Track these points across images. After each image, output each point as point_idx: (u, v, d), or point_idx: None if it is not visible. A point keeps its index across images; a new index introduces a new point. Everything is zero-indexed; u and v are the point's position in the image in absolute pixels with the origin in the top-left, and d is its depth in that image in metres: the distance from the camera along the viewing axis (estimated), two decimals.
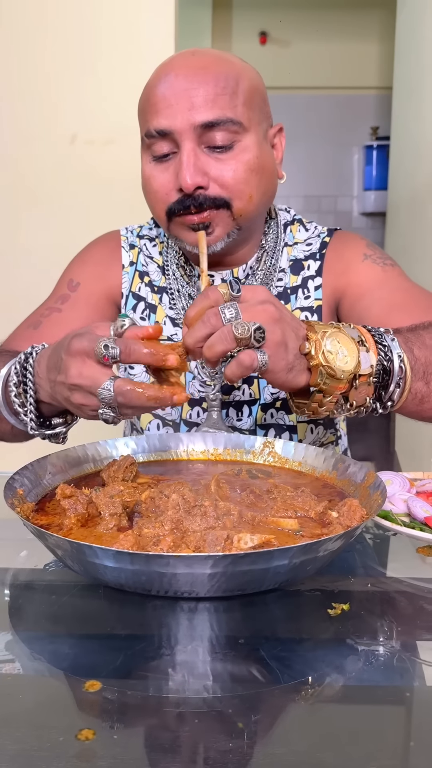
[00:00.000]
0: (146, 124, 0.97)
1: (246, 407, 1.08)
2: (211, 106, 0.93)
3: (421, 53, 2.63)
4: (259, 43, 4.19)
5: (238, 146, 0.95)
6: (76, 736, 0.47)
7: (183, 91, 0.93)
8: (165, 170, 0.97)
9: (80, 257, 1.18)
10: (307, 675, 0.55)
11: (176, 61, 0.97)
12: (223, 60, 0.97)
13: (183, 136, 0.93)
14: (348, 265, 1.09)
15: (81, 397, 0.76)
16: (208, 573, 0.58)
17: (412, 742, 0.49)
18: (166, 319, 1.10)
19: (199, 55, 0.97)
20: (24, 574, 0.75)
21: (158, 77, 0.97)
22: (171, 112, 0.93)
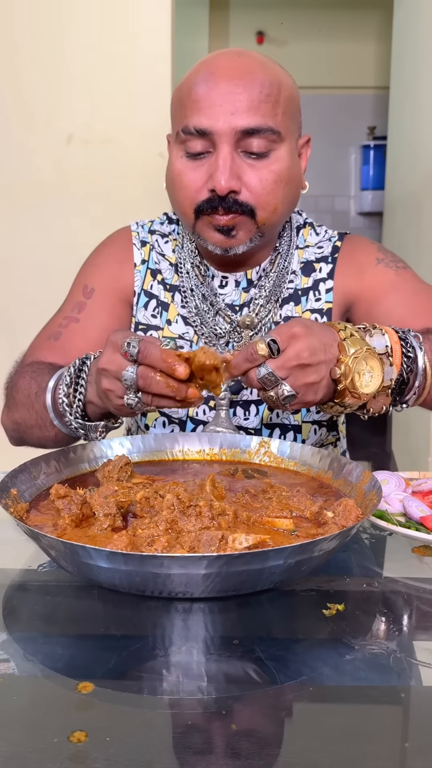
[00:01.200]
0: (184, 119, 0.96)
1: (253, 406, 1.08)
2: (254, 113, 0.93)
3: (418, 53, 2.63)
4: (256, 43, 4.19)
5: (273, 155, 0.96)
6: (69, 738, 0.46)
7: (228, 94, 0.93)
8: (197, 168, 0.97)
9: (93, 260, 1.17)
10: (302, 675, 0.55)
11: (222, 61, 0.97)
12: (268, 66, 0.97)
13: (222, 139, 0.94)
14: (361, 270, 1.10)
15: (108, 382, 0.82)
16: (203, 573, 0.58)
17: (408, 742, 0.49)
18: (178, 318, 1.10)
19: (245, 58, 0.97)
20: (18, 575, 0.74)
21: (201, 74, 0.96)
22: (213, 112, 0.93)
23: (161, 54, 2.24)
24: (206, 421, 1.08)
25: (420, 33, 2.61)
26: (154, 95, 2.25)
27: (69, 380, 0.91)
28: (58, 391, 0.92)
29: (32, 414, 0.98)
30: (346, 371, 0.82)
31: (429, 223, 2.44)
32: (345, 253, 1.12)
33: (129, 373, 0.78)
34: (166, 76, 2.25)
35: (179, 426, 1.09)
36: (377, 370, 0.83)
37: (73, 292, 1.15)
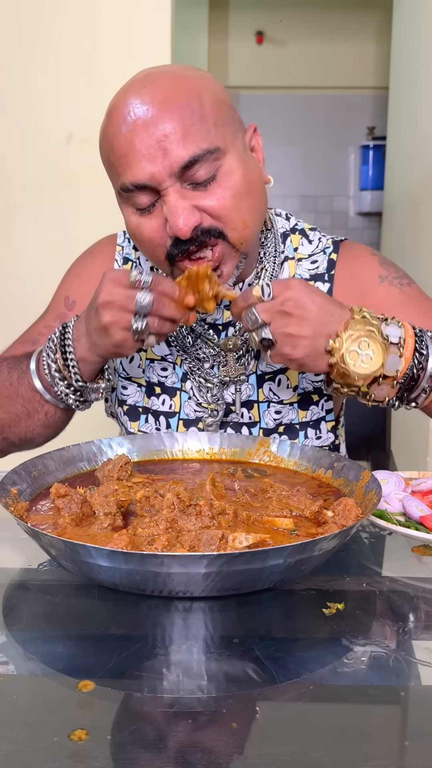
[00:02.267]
0: (119, 178, 0.89)
1: (245, 429, 1.05)
2: (184, 144, 0.84)
3: (418, 53, 2.63)
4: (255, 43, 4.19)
5: (221, 172, 0.88)
6: (70, 736, 0.46)
7: (149, 136, 0.84)
8: (152, 218, 0.90)
9: (75, 271, 1.15)
10: (301, 674, 0.55)
11: (129, 99, 0.86)
12: (179, 81, 0.87)
13: (164, 185, 0.86)
14: (364, 290, 1.03)
15: (111, 315, 0.84)
16: (203, 572, 0.58)
17: (407, 741, 0.49)
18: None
19: (152, 85, 0.87)
20: (18, 574, 0.74)
21: (116, 124, 0.87)
22: (143, 163, 0.85)
23: (160, 53, 2.23)
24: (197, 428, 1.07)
25: (419, 33, 2.61)
26: None
27: (54, 348, 0.92)
28: (41, 364, 0.93)
29: (17, 403, 0.97)
30: (339, 346, 0.81)
31: (427, 223, 2.44)
32: (343, 269, 1.05)
33: (145, 298, 0.83)
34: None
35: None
36: (378, 354, 0.82)
37: (55, 302, 1.13)
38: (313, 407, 1.06)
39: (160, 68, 0.91)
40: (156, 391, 1.07)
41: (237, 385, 1.03)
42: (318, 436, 1.07)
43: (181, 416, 1.06)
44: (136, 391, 1.08)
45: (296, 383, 1.05)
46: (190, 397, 1.05)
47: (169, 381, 1.06)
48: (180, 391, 1.06)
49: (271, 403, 1.05)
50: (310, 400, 1.06)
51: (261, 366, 1.04)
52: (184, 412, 1.06)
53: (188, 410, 1.06)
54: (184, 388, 1.06)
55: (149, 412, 1.07)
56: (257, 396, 1.04)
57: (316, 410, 1.06)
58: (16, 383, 0.97)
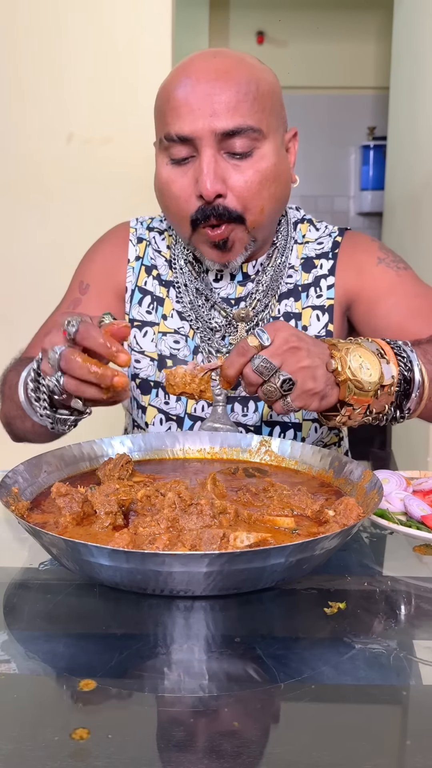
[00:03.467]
0: (165, 127, 0.96)
1: (252, 402, 1.08)
2: (232, 114, 0.92)
3: (418, 53, 2.63)
4: (256, 43, 4.19)
5: (257, 153, 0.95)
6: (71, 735, 0.46)
7: (205, 97, 0.92)
8: (183, 174, 0.96)
9: (89, 255, 1.18)
10: (303, 674, 0.55)
11: (197, 64, 0.95)
12: (244, 63, 0.96)
13: (203, 143, 0.93)
14: (362, 269, 1.10)
15: (44, 363, 0.79)
16: (204, 571, 0.58)
17: (409, 740, 0.49)
18: (174, 312, 1.10)
19: (221, 57, 0.96)
20: (19, 573, 0.74)
21: (178, 79, 0.95)
22: (192, 117, 0.93)
23: (161, 53, 2.24)
24: (204, 417, 1.08)
25: (420, 33, 2.61)
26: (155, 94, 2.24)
27: (36, 369, 0.89)
28: (27, 380, 0.92)
29: (13, 405, 0.99)
30: (342, 362, 0.82)
31: (428, 223, 2.44)
32: (346, 249, 1.12)
33: (53, 353, 0.76)
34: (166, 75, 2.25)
35: (176, 422, 1.09)
36: (374, 363, 0.83)
37: (71, 289, 1.16)
38: None
39: (233, 51, 0.99)
40: (167, 364, 1.09)
41: None
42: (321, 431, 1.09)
43: None
44: (149, 365, 1.10)
45: None
46: None
47: (180, 353, 1.09)
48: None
49: None
50: None
51: None
52: None
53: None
54: (195, 360, 1.08)
55: (160, 386, 1.09)
56: None
57: None
58: (14, 389, 0.98)
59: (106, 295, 1.13)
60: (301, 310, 1.09)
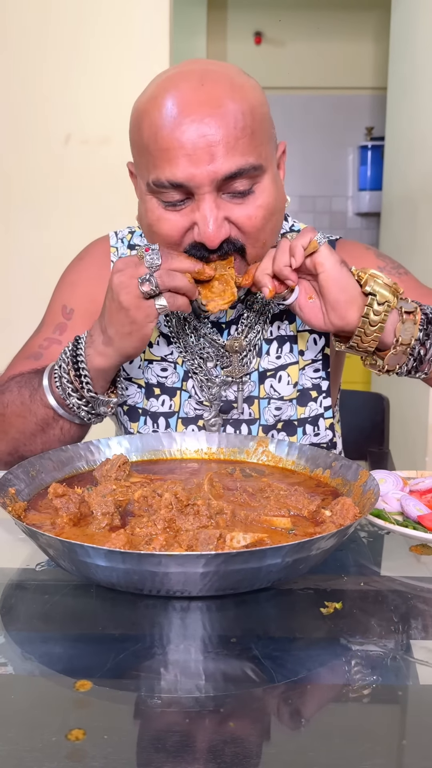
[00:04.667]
0: (154, 170, 0.86)
1: (245, 426, 1.06)
2: (232, 154, 0.84)
3: (416, 54, 2.63)
4: (254, 44, 4.19)
5: (257, 189, 0.88)
6: (67, 736, 0.46)
7: (200, 138, 0.82)
8: (178, 215, 0.88)
9: (69, 278, 1.12)
10: (299, 674, 0.55)
11: (185, 94, 0.84)
12: (235, 87, 0.86)
13: (202, 190, 0.85)
14: None
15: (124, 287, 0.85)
16: (201, 572, 0.58)
17: (405, 740, 0.49)
18: (159, 339, 1.06)
19: (210, 84, 0.85)
20: (16, 574, 0.74)
21: (166, 113, 0.84)
22: (187, 163, 0.83)
23: (159, 54, 2.24)
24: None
25: (417, 34, 2.62)
26: None
27: (67, 359, 0.92)
28: (53, 378, 0.92)
29: (30, 421, 0.96)
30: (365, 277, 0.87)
31: (426, 223, 2.44)
32: None
33: (153, 257, 0.84)
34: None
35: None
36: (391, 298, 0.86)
37: (52, 312, 1.10)
38: (311, 404, 1.07)
39: (212, 65, 0.89)
40: (155, 392, 1.06)
41: (240, 384, 1.04)
42: (316, 433, 1.08)
43: (180, 415, 1.06)
44: (136, 391, 1.08)
45: (296, 380, 1.06)
46: (191, 396, 1.06)
47: (169, 381, 1.06)
48: (180, 390, 1.06)
49: (271, 399, 1.06)
50: (309, 397, 1.07)
51: (263, 363, 1.05)
52: (184, 410, 1.06)
53: (188, 409, 1.06)
54: (185, 387, 1.06)
55: (148, 414, 1.07)
56: (258, 392, 1.06)
57: (314, 407, 1.07)
58: (28, 401, 0.96)
59: (90, 319, 1.05)
60: (297, 332, 1.06)
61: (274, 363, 1.06)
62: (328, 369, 1.08)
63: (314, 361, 1.07)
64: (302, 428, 1.07)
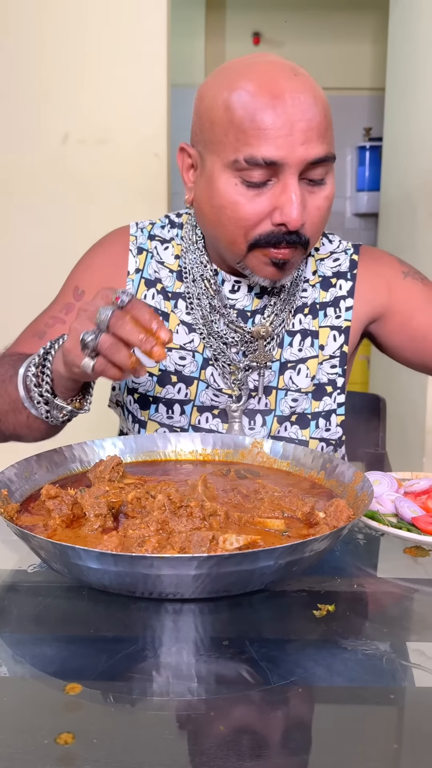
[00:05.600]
0: (247, 148, 0.88)
1: (260, 417, 1.06)
2: (322, 141, 0.89)
3: (414, 54, 2.63)
4: (252, 44, 4.19)
5: (328, 180, 0.93)
6: (56, 740, 0.46)
7: (298, 122, 0.86)
8: (257, 197, 0.90)
9: (86, 261, 1.13)
10: (293, 676, 0.54)
11: (280, 82, 0.88)
12: (317, 85, 0.91)
13: (291, 170, 0.88)
14: (389, 284, 1.10)
15: (78, 320, 0.80)
16: (193, 574, 0.58)
17: (399, 743, 0.48)
18: (179, 327, 1.07)
19: (301, 77, 0.89)
20: (8, 576, 0.74)
21: (262, 97, 0.87)
22: (283, 142, 0.86)
23: (157, 54, 2.24)
24: (210, 429, 1.07)
25: (416, 34, 2.61)
26: (150, 95, 2.25)
27: (39, 357, 0.90)
28: (28, 369, 0.91)
29: (5, 399, 0.96)
30: None
31: (424, 224, 2.44)
32: (366, 267, 1.11)
33: (104, 311, 0.76)
34: (162, 77, 2.25)
35: None
36: None
37: (64, 292, 1.12)
38: (326, 398, 1.08)
39: (287, 62, 0.93)
40: (172, 380, 1.07)
41: (261, 371, 1.06)
42: (327, 428, 1.09)
43: (195, 403, 1.07)
44: (147, 380, 1.08)
45: (314, 373, 1.08)
46: (208, 386, 1.06)
47: (186, 370, 1.07)
48: (198, 380, 1.07)
49: (288, 391, 1.07)
50: (324, 391, 1.09)
51: (285, 354, 1.07)
52: (200, 399, 1.07)
53: (204, 398, 1.07)
54: (203, 376, 1.07)
55: (161, 401, 1.07)
56: (277, 383, 1.07)
57: (328, 401, 1.09)
58: (7, 382, 0.96)
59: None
60: (318, 328, 1.09)
61: (296, 355, 1.08)
62: (344, 366, 1.10)
63: (332, 357, 1.09)
64: (315, 422, 1.08)
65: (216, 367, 1.06)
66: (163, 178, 2.29)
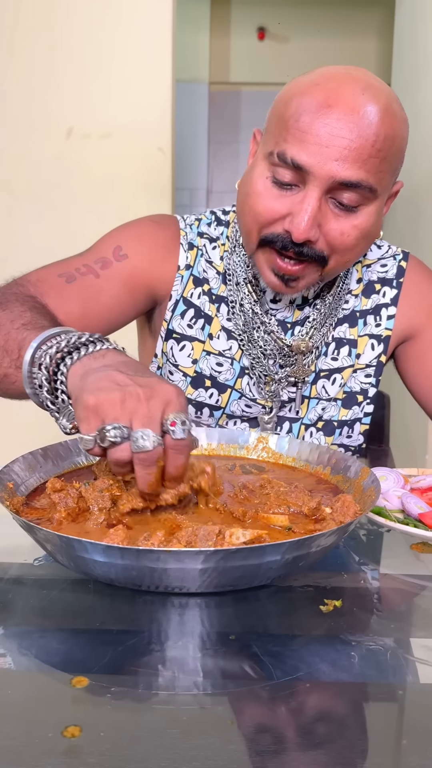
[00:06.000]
0: (283, 144, 0.87)
1: (287, 423, 1.06)
2: (359, 166, 0.85)
3: (420, 50, 2.62)
4: (257, 39, 4.18)
5: (362, 210, 0.89)
6: (62, 733, 0.46)
7: (338, 137, 0.84)
8: (279, 197, 0.89)
9: (135, 229, 1.05)
10: (298, 672, 0.54)
11: (344, 93, 0.85)
12: (390, 112, 0.86)
13: (316, 182, 0.85)
14: (430, 310, 1.07)
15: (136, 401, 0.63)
16: (199, 568, 0.58)
17: (405, 739, 0.48)
18: (221, 333, 1.04)
19: (370, 96, 0.85)
20: (13, 569, 0.74)
21: (317, 100, 0.85)
22: (316, 151, 0.84)
23: (162, 49, 2.23)
24: None
25: (421, 31, 2.60)
26: (155, 90, 2.24)
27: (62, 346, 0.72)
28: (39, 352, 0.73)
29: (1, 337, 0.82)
30: None
31: (428, 221, 2.44)
32: (412, 279, 1.08)
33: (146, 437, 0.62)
34: (166, 71, 2.24)
35: None
36: None
37: (101, 246, 1.03)
38: (355, 407, 1.07)
39: (378, 82, 0.89)
40: (205, 384, 1.05)
41: (299, 384, 1.04)
42: (349, 435, 1.08)
43: (226, 411, 1.06)
44: (181, 380, 1.06)
45: (346, 381, 1.06)
46: (242, 395, 1.04)
47: (222, 377, 1.05)
48: (231, 389, 1.05)
49: (320, 400, 1.06)
50: (355, 400, 1.07)
51: (319, 364, 1.05)
52: (230, 408, 1.05)
53: (234, 407, 1.05)
54: (238, 385, 1.04)
55: (191, 402, 1.05)
56: (310, 392, 1.06)
57: (357, 410, 1.07)
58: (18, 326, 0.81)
59: (139, 279, 1.01)
60: (357, 337, 1.06)
61: (330, 365, 1.06)
62: (379, 376, 1.07)
63: (368, 365, 1.07)
64: (340, 429, 1.07)
65: (252, 376, 1.04)
66: (167, 173, 2.28)
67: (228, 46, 4.15)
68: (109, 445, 0.62)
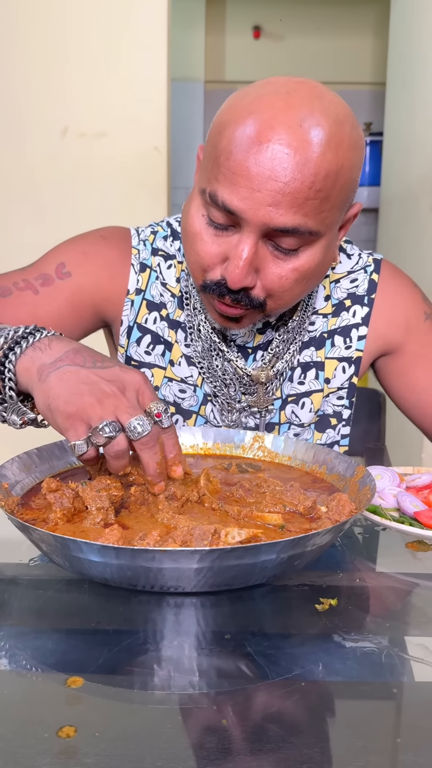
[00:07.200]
0: (214, 183, 0.80)
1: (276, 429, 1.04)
2: (294, 211, 0.77)
3: (415, 49, 2.62)
4: (252, 38, 4.18)
5: (303, 252, 0.82)
6: (57, 733, 0.46)
7: (272, 180, 0.76)
8: (216, 239, 0.83)
9: (82, 245, 1.00)
10: (294, 671, 0.54)
11: (279, 129, 0.76)
12: (335, 143, 0.77)
13: (249, 229, 0.79)
14: (408, 324, 1.02)
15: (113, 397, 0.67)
16: (195, 568, 0.58)
17: (400, 738, 0.48)
18: (182, 359, 1.01)
19: (309, 128, 0.76)
20: (9, 569, 0.74)
21: (251, 140, 0.76)
22: (248, 194, 0.77)
23: (157, 47, 2.22)
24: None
25: (417, 29, 2.61)
26: (150, 89, 2.24)
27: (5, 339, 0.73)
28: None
29: None
30: None
31: (424, 219, 2.44)
32: (386, 294, 1.02)
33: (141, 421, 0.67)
34: (161, 70, 2.24)
35: None
36: None
37: (45, 262, 0.99)
38: (329, 431, 1.05)
39: (322, 103, 0.78)
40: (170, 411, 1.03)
41: (262, 411, 1.01)
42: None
43: None
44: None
45: (318, 406, 1.03)
46: (207, 422, 1.03)
47: (185, 403, 1.02)
48: (197, 414, 1.02)
49: (291, 425, 1.03)
50: (328, 423, 1.04)
51: (285, 389, 1.02)
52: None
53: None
54: (203, 412, 1.02)
55: None
56: (279, 418, 1.03)
57: (332, 434, 1.05)
58: None
59: (83, 299, 0.97)
60: (324, 359, 1.02)
61: (297, 389, 1.02)
62: (352, 398, 1.04)
63: (340, 388, 1.03)
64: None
65: (215, 403, 1.01)
66: (163, 172, 2.28)
67: (223, 45, 4.15)
68: (106, 441, 0.66)
